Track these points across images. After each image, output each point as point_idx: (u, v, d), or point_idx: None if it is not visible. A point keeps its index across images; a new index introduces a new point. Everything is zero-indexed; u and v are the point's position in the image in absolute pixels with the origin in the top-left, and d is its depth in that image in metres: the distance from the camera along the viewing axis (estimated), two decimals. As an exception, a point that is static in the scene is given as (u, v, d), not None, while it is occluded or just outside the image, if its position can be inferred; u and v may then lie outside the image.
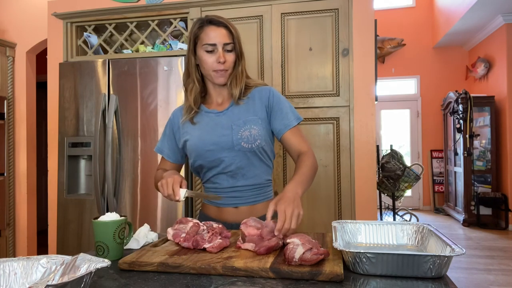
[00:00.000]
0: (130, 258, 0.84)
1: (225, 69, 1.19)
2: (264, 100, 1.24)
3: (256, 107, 1.23)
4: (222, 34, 1.17)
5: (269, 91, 1.25)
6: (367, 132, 2.20)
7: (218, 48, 1.17)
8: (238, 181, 1.22)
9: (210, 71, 1.19)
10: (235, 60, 1.21)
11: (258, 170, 1.23)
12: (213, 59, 1.17)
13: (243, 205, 1.22)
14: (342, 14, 2.20)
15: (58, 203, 2.50)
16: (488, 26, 5.24)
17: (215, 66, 1.18)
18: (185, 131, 1.25)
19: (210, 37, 1.17)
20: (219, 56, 1.17)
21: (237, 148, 1.18)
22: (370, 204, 2.20)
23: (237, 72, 1.23)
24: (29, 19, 3.32)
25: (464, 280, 3.10)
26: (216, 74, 1.19)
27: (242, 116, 1.21)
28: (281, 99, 1.25)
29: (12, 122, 3.35)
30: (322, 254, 0.77)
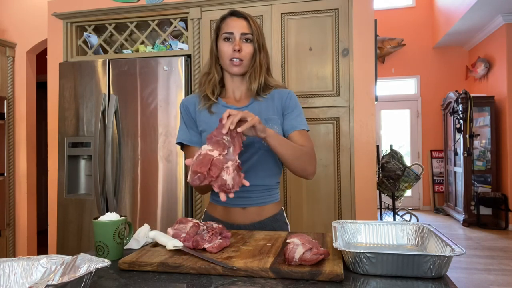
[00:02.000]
0: (130, 258, 0.84)
1: (240, 58, 1.18)
2: (283, 101, 1.24)
3: (275, 107, 1.23)
4: (240, 24, 1.18)
5: (289, 93, 1.26)
6: (367, 132, 2.20)
7: (235, 36, 1.18)
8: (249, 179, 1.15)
9: (227, 60, 1.19)
10: (253, 53, 1.20)
11: (270, 171, 1.22)
12: (230, 47, 1.18)
13: (252, 206, 1.20)
14: (342, 14, 2.19)
15: (58, 203, 2.50)
16: (488, 26, 5.24)
17: (230, 54, 1.18)
18: (201, 120, 1.23)
19: (228, 26, 1.19)
20: (235, 44, 1.17)
21: (258, 145, 1.17)
22: (370, 204, 2.20)
23: (256, 65, 1.22)
24: (29, 19, 3.32)
25: (464, 280, 3.10)
26: (231, 63, 1.19)
27: (264, 114, 1.20)
28: (297, 103, 1.26)
29: (12, 122, 3.35)
30: (322, 254, 0.77)
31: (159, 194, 2.34)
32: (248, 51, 1.19)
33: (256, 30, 1.20)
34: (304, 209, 2.22)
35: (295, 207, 2.21)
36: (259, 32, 1.21)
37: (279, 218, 1.24)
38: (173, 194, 2.32)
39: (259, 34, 1.21)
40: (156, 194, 2.35)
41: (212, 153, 0.95)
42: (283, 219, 1.27)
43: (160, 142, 2.35)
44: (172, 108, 2.34)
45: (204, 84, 1.26)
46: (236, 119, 0.96)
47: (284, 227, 1.25)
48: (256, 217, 1.20)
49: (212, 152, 0.95)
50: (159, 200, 2.34)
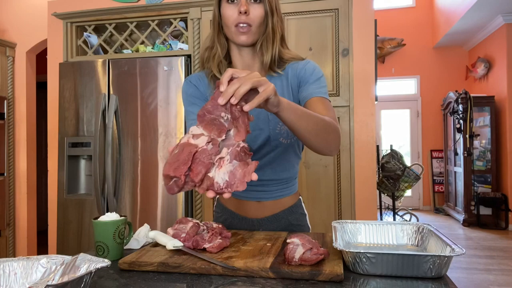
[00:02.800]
0: (130, 258, 0.84)
1: (247, 23, 0.97)
2: (298, 74, 1.04)
3: (289, 86, 1.04)
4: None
5: (305, 64, 1.05)
6: (367, 132, 2.20)
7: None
8: (265, 174, 1.07)
9: (232, 26, 0.98)
10: (264, 17, 0.99)
11: (289, 163, 1.09)
12: (235, 10, 0.97)
13: (268, 199, 1.10)
14: (342, 14, 2.19)
15: (58, 203, 2.50)
16: (488, 26, 5.24)
17: (236, 19, 0.97)
18: None
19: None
20: (241, 5, 0.95)
21: (274, 144, 1.04)
22: (370, 204, 2.20)
23: (268, 31, 1.00)
24: (29, 19, 3.32)
25: (464, 280, 3.10)
26: (237, 30, 0.98)
27: None
28: (315, 72, 1.04)
29: (12, 122, 3.35)
30: (322, 254, 0.77)
31: (159, 194, 2.34)
32: (257, 14, 0.97)
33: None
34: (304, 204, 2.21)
35: (295, 207, 2.21)
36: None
37: (295, 210, 1.15)
38: (173, 194, 2.32)
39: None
40: (156, 194, 2.35)
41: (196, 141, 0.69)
42: (300, 210, 1.16)
43: (160, 142, 2.35)
44: (172, 108, 2.34)
45: (208, 61, 1.06)
46: (242, 90, 0.68)
47: (301, 218, 1.16)
48: (271, 211, 1.10)
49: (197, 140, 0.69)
50: (159, 200, 2.34)
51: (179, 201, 2.32)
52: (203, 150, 0.68)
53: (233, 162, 0.70)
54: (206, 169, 0.68)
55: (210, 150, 0.68)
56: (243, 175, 0.69)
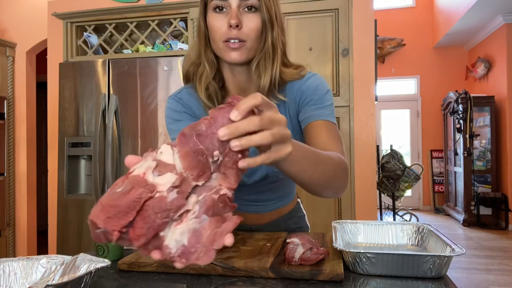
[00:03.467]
0: (129, 258, 0.83)
1: (240, 38, 0.78)
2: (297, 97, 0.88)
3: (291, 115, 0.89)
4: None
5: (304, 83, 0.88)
6: (367, 132, 2.20)
7: (231, 3, 0.77)
8: (264, 195, 1.04)
9: (220, 42, 0.79)
10: (262, 29, 0.80)
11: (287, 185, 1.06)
12: (224, 22, 0.78)
13: (266, 212, 1.07)
14: (342, 14, 2.19)
15: (58, 203, 2.50)
16: (488, 26, 5.24)
17: (225, 33, 0.78)
18: None
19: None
20: (231, 16, 0.76)
21: (272, 179, 0.96)
22: (370, 204, 2.20)
23: (267, 47, 0.81)
24: (29, 19, 3.32)
25: (464, 280, 3.10)
26: (227, 46, 0.79)
27: None
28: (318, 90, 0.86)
29: (12, 122, 3.35)
30: (322, 254, 0.77)
31: (159, 194, 2.34)
32: (252, 26, 0.78)
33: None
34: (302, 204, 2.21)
35: (295, 207, 2.21)
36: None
37: (294, 214, 1.13)
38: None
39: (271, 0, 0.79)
40: (156, 194, 2.34)
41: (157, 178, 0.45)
42: (298, 213, 1.14)
43: (160, 142, 2.35)
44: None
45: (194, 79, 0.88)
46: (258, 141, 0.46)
47: (300, 221, 1.15)
48: (270, 218, 1.09)
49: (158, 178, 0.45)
50: (159, 200, 2.34)
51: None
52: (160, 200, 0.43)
53: (201, 217, 0.45)
54: (155, 231, 0.43)
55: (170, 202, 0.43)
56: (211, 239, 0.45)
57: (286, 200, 1.11)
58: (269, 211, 1.08)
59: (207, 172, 0.46)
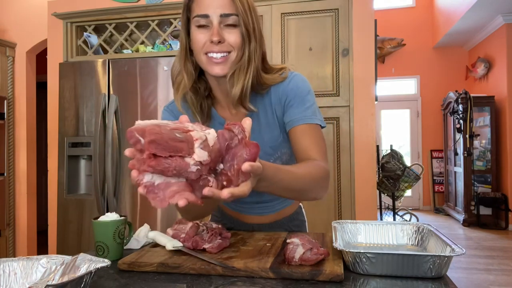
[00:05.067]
0: (129, 258, 0.83)
1: (222, 52, 0.84)
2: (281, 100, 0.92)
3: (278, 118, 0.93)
4: (219, 2, 0.82)
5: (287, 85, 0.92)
6: (367, 132, 2.20)
7: (212, 20, 0.83)
8: (262, 197, 1.06)
9: (202, 55, 0.85)
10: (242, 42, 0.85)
11: None
12: (206, 37, 0.83)
13: (269, 213, 1.09)
14: (342, 14, 2.19)
15: (58, 203, 2.50)
16: (488, 26, 5.24)
17: (207, 47, 0.83)
18: None
19: (202, 6, 0.83)
20: (213, 32, 0.82)
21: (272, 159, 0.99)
22: (370, 204, 2.20)
23: (243, 61, 0.86)
24: (29, 19, 3.32)
25: (464, 280, 3.10)
26: (209, 59, 0.84)
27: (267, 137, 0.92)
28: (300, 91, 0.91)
29: (12, 122, 3.35)
30: (322, 254, 0.77)
31: (159, 194, 2.34)
32: (233, 40, 0.84)
33: (243, 7, 0.83)
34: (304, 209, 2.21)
35: (295, 207, 2.21)
36: (247, 8, 0.84)
37: (295, 217, 1.15)
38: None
39: (248, 12, 0.84)
40: (156, 194, 2.35)
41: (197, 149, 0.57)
42: (300, 217, 1.17)
43: (160, 142, 2.35)
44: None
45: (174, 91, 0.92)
46: None
47: (301, 224, 1.16)
48: (272, 219, 1.10)
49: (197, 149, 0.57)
50: (159, 200, 2.34)
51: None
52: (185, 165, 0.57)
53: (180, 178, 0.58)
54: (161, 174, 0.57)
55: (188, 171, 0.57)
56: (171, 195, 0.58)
57: (288, 201, 1.11)
58: (271, 212, 1.10)
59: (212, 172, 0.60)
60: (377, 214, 2.74)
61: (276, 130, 0.94)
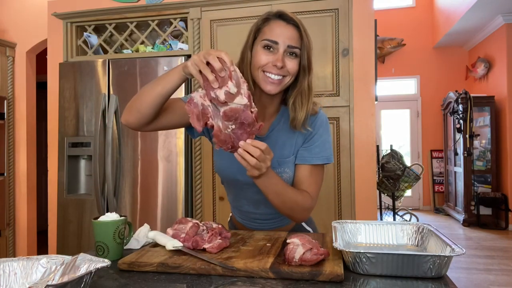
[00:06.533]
0: (129, 258, 0.83)
1: (280, 75, 0.96)
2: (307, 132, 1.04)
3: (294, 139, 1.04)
4: (290, 34, 0.95)
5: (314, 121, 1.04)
6: (367, 132, 2.20)
7: (279, 48, 0.95)
8: (259, 209, 1.12)
9: (260, 72, 0.97)
10: (298, 72, 0.99)
11: None
12: (270, 59, 0.95)
13: (278, 227, 1.15)
14: (342, 14, 2.19)
15: (58, 203, 2.50)
16: (488, 26, 5.24)
17: (268, 67, 0.95)
18: None
19: (273, 33, 0.95)
20: (278, 58, 0.94)
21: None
22: (370, 204, 2.20)
23: (303, 88, 0.99)
24: (29, 19, 3.32)
25: (464, 280, 3.10)
26: (267, 78, 0.96)
27: (278, 153, 1.02)
28: (319, 130, 1.04)
29: (12, 122, 3.35)
30: (322, 254, 0.77)
31: (159, 194, 2.34)
32: (291, 68, 0.96)
33: (308, 43, 0.97)
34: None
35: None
36: (309, 45, 0.98)
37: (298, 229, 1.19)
38: (173, 194, 2.32)
39: (309, 48, 0.98)
40: (156, 194, 2.35)
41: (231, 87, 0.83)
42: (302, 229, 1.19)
43: (160, 142, 2.35)
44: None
45: None
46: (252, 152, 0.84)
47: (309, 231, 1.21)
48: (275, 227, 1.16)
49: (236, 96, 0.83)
50: (159, 200, 2.34)
51: (179, 201, 2.32)
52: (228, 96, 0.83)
53: None
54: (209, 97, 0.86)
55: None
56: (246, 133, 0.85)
57: (285, 220, 1.15)
58: (269, 229, 1.14)
59: None
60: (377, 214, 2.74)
61: (290, 150, 1.05)
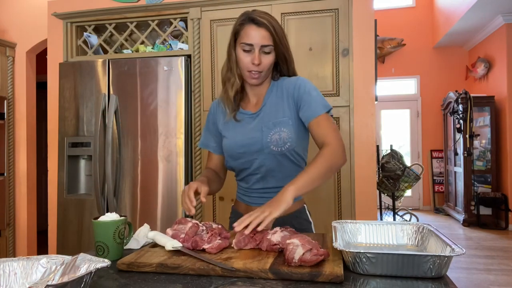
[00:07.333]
0: (128, 258, 0.83)
1: (258, 71, 1.16)
2: (291, 93, 1.20)
3: (285, 106, 1.19)
4: (261, 35, 1.13)
5: (295, 82, 1.21)
6: (367, 132, 2.20)
7: (255, 48, 1.13)
8: (268, 182, 1.20)
9: (245, 70, 1.17)
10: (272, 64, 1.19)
11: (289, 171, 1.19)
12: (249, 59, 1.15)
13: None
14: (342, 14, 2.19)
15: (58, 203, 2.50)
16: (488, 26, 5.24)
17: (250, 67, 1.15)
18: (225, 128, 1.25)
19: (248, 37, 1.13)
20: (254, 57, 1.13)
21: (267, 151, 1.16)
22: (370, 204, 2.20)
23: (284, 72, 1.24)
24: (29, 19, 3.32)
25: (464, 280, 3.10)
26: (250, 74, 1.17)
27: (272, 117, 1.18)
28: (307, 89, 1.19)
29: (12, 122, 3.35)
30: (322, 255, 0.77)
31: (159, 194, 2.34)
32: (266, 63, 1.16)
33: (279, 39, 1.15)
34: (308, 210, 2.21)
35: (295, 207, 2.21)
36: (281, 39, 1.16)
37: (299, 215, 1.24)
38: (173, 194, 2.32)
39: (281, 41, 1.16)
40: (156, 194, 2.35)
41: None
42: (304, 216, 1.26)
43: (160, 142, 2.35)
44: (172, 108, 2.34)
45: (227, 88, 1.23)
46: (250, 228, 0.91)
47: (305, 224, 1.25)
48: None
49: None
50: (159, 200, 2.34)
51: (179, 201, 2.32)
52: None
53: None
54: None
55: None
56: None
57: None
58: None
59: None
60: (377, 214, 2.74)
61: (282, 112, 1.18)
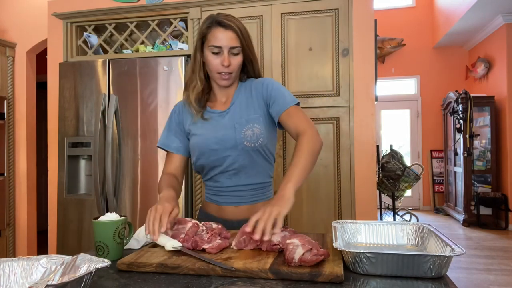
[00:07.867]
0: (128, 258, 0.83)
1: (229, 72, 1.18)
2: (261, 93, 1.23)
3: (255, 104, 1.22)
4: (229, 38, 1.15)
5: (263, 83, 1.24)
6: (367, 132, 2.20)
7: (223, 51, 1.16)
8: (240, 179, 1.22)
9: (215, 72, 1.19)
10: (241, 64, 1.21)
11: (261, 168, 1.23)
12: (218, 61, 1.17)
13: (244, 204, 1.23)
14: (342, 14, 2.19)
15: (58, 203, 2.50)
16: (488, 26, 5.24)
17: (219, 68, 1.17)
18: (194, 127, 1.25)
19: (216, 39, 1.15)
20: (224, 59, 1.16)
21: (240, 147, 1.18)
22: (370, 204, 2.20)
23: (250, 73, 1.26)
24: (29, 19, 3.32)
25: (464, 280, 3.10)
26: (220, 76, 1.19)
27: (244, 114, 1.20)
28: (275, 87, 1.23)
29: (12, 122, 3.35)
30: (322, 255, 0.77)
31: (159, 194, 2.34)
32: (236, 64, 1.18)
33: (245, 41, 1.18)
34: (304, 209, 2.21)
35: (295, 207, 2.20)
36: (247, 40, 1.19)
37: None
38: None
39: (247, 43, 1.19)
40: (156, 194, 2.34)
41: None
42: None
43: (160, 142, 2.35)
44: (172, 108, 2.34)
45: (189, 92, 1.25)
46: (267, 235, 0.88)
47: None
48: (247, 214, 1.16)
49: None
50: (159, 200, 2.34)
51: (179, 201, 2.31)
52: None
53: None
54: None
55: None
56: None
57: (262, 195, 1.25)
58: (246, 203, 1.22)
59: None
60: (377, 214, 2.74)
61: (252, 109, 1.21)
